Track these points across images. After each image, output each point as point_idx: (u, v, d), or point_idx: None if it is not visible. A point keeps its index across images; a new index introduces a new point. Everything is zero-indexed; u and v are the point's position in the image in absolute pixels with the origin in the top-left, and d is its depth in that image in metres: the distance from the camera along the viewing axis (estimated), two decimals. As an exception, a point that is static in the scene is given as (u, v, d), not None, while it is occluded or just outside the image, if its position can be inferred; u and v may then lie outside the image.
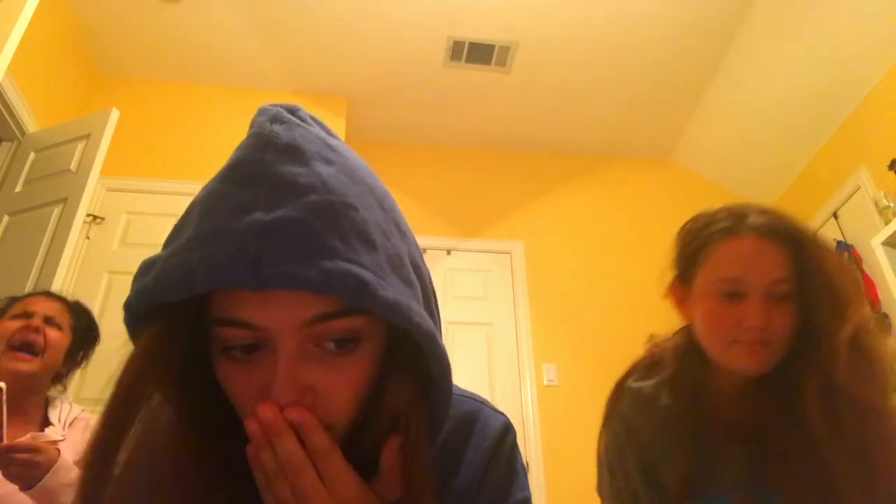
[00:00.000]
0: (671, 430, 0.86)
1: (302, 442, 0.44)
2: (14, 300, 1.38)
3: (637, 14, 3.00)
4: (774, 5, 2.87)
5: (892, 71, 2.81)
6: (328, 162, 0.48)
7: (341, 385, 0.46)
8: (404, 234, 0.51)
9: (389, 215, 0.50)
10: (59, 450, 1.12)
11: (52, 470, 1.08)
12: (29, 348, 1.27)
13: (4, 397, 1.06)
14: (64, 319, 1.38)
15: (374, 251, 0.45)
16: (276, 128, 0.51)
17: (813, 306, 0.78)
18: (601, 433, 0.94)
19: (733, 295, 0.80)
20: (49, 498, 1.08)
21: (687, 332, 0.91)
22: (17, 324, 1.30)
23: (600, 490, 0.95)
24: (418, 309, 0.46)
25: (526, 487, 0.63)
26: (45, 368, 1.30)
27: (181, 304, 0.44)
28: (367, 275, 0.43)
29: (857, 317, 0.76)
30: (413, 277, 0.49)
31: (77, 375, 1.44)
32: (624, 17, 3.02)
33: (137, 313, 0.45)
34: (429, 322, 0.47)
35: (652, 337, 0.99)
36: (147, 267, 0.47)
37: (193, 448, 0.48)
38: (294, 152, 0.48)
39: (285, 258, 0.41)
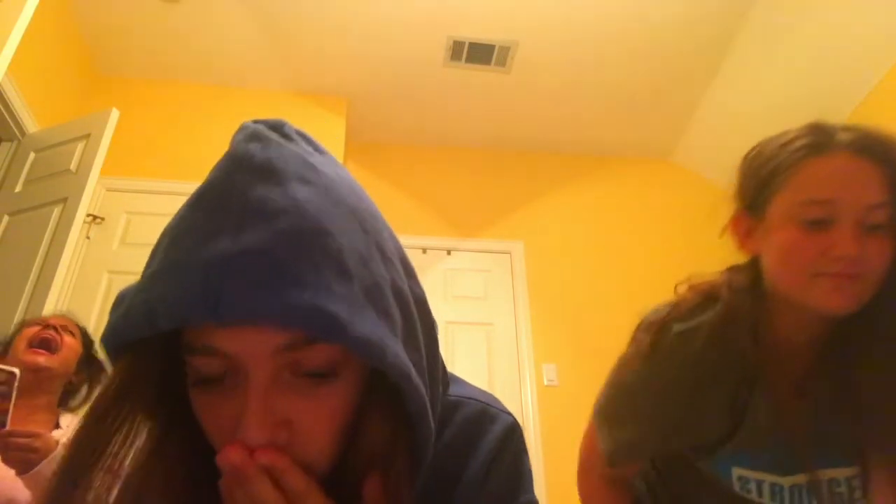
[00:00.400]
0: (716, 375, 0.75)
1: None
2: (25, 323, 1.48)
3: (637, 14, 3.00)
4: (774, 5, 2.87)
5: (892, 71, 2.80)
6: (306, 182, 0.45)
7: (320, 419, 0.44)
8: (388, 259, 0.48)
9: (371, 238, 0.47)
10: (57, 441, 1.13)
11: (48, 458, 1.09)
12: (47, 346, 1.37)
13: (16, 384, 1.08)
14: (76, 331, 1.50)
15: (349, 281, 0.42)
16: (252, 147, 0.47)
17: None
18: (627, 370, 0.81)
19: (819, 222, 0.69)
20: (43, 485, 1.08)
21: (747, 269, 0.79)
22: (35, 328, 1.41)
23: (606, 412, 0.86)
24: (393, 346, 0.43)
25: (531, 490, 0.61)
26: (60, 366, 1.38)
27: (154, 336, 0.43)
28: (337, 308, 0.40)
29: None
30: (393, 309, 0.46)
31: (84, 396, 1.48)
32: (624, 17, 3.02)
33: (115, 347, 0.45)
34: (404, 360, 0.44)
35: (691, 277, 0.85)
36: (120, 300, 0.47)
37: (174, 476, 0.46)
38: (268, 173, 0.45)
39: (248, 292, 0.39)
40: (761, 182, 0.77)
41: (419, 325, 0.49)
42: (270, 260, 0.40)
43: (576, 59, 3.28)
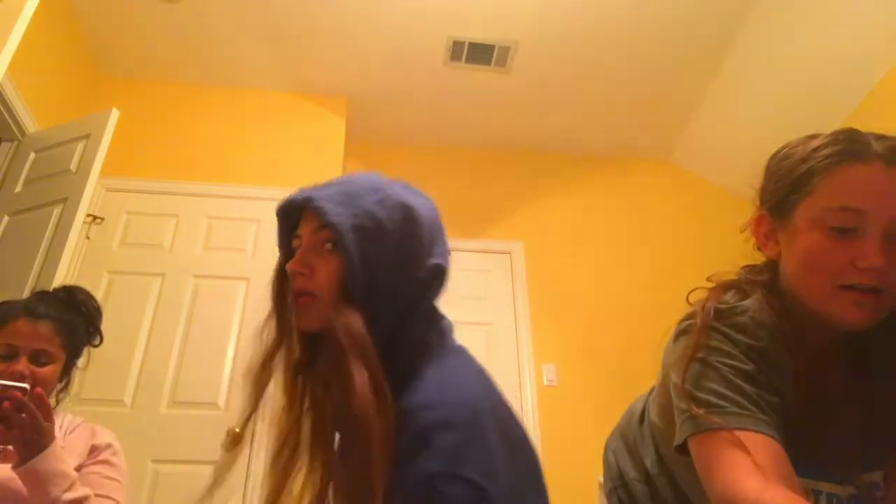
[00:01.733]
0: (780, 356, 0.72)
1: None
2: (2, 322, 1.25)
3: (637, 14, 3.00)
4: (774, 6, 2.87)
5: (892, 71, 2.80)
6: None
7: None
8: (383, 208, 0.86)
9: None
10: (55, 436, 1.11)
11: (44, 453, 1.06)
12: (17, 380, 1.15)
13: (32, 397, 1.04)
14: (54, 345, 1.27)
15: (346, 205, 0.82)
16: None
17: None
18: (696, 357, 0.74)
19: (846, 230, 0.68)
20: (38, 482, 1.06)
21: (765, 270, 0.78)
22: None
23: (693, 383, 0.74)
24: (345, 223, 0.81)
25: (435, 459, 0.62)
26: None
27: None
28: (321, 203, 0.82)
29: None
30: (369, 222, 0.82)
31: (77, 376, 1.42)
32: (624, 17, 3.02)
33: None
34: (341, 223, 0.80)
35: (714, 276, 0.83)
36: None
37: None
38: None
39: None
40: (790, 185, 0.75)
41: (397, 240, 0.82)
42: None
43: (576, 60, 3.28)
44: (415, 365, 0.77)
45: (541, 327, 3.36)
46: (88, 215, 2.79)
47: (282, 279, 0.87)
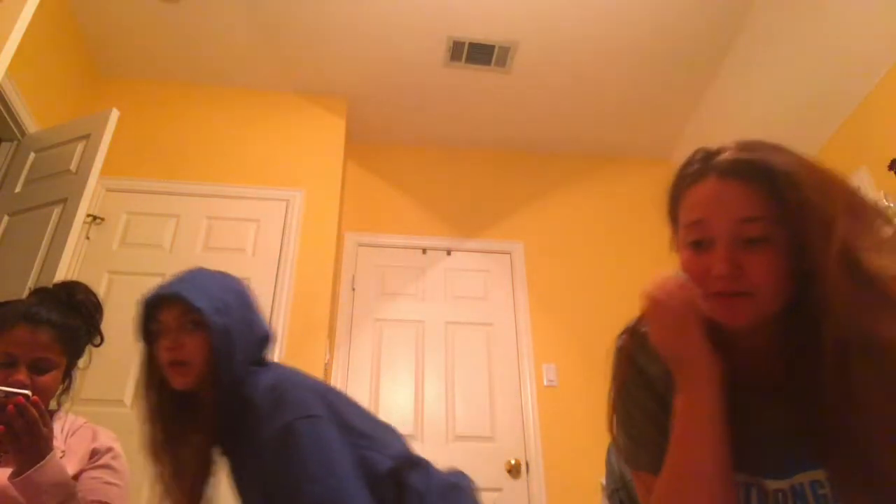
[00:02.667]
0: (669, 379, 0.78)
1: None
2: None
3: (637, 14, 3.00)
4: (774, 6, 2.87)
5: (891, 71, 2.81)
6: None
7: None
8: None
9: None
10: (54, 447, 1.10)
11: (41, 463, 1.05)
12: (18, 388, 1.14)
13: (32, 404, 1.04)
14: (54, 352, 1.25)
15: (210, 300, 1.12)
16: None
17: (801, 239, 0.68)
18: (612, 382, 0.85)
19: (700, 243, 0.73)
20: (35, 494, 1.05)
21: None
22: None
23: (616, 440, 0.86)
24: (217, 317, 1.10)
25: (290, 413, 0.99)
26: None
27: None
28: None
29: (843, 231, 0.66)
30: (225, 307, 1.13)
31: (77, 375, 1.41)
32: (624, 17, 3.02)
33: None
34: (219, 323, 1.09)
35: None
36: None
37: None
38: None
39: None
40: (669, 209, 0.84)
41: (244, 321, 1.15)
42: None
43: (576, 60, 3.28)
44: (253, 379, 1.10)
45: (541, 327, 3.36)
46: (88, 215, 2.79)
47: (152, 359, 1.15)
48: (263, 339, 1.20)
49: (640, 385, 0.81)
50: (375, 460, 1.02)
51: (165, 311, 1.11)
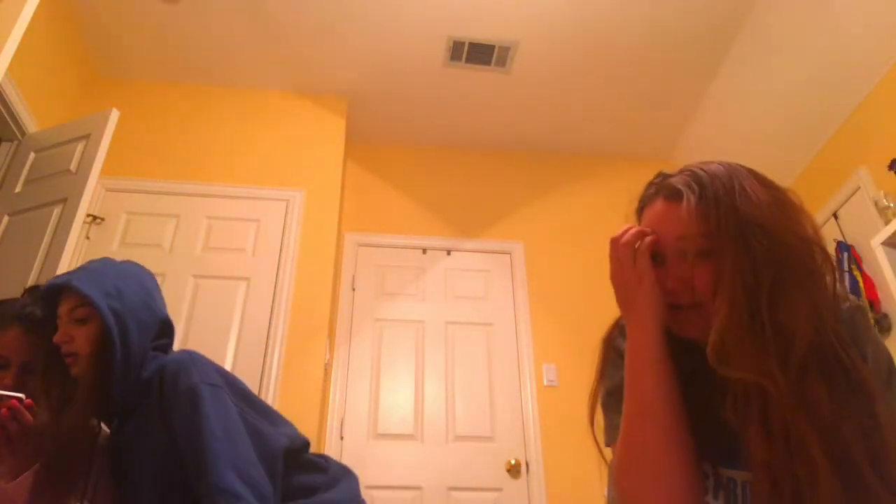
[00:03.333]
0: None
1: None
2: None
3: (637, 15, 3.00)
4: (774, 7, 2.87)
5: (892, 71, 2.81)
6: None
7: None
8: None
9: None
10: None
11: (34, 469, 1.04)
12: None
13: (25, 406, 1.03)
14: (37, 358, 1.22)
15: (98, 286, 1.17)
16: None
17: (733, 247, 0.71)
18: (598, 376, 0.89)
19: (654, 258, 0.80)
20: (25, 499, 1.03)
21: None
22: None
23: (608, 440, 0.89)
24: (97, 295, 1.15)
25: (196, 377, 1.11)
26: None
27: None
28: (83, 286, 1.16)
29: (750, 273, 0.69)
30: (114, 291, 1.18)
31: None
32: (624, 17, 3.02)
33: None
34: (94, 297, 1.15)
35: None
36: None
37: None
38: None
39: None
40: (637, 222, 0.88)
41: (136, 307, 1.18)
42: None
43: (576, 60, 3.28)
44: (157, 362, 1.19)
45: (541, 327, 3.36)
46: (88, 215, 2.79)
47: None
48: (162, 323, 1.24)
49: (619, 366, 0.83)
50: (270, 435, 1.12)
51: (62, 303, 1.17)
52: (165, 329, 1.25)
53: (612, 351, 0.89)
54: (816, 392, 0.67)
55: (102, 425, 1.19)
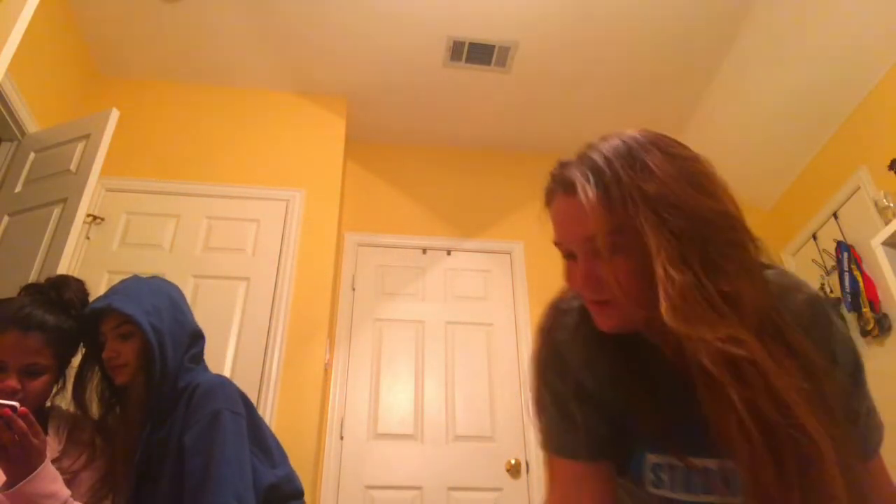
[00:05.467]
0: (596, 351, 0.78)
1: None
2: None
3: (637, 16, 3.00)
4: (774, 6, 2.87)
5: (892, 71, 2.81)
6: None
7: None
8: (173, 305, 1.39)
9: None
10: (46, 455, 1.08)
11: (33, 474, 1.03)
12: (7, 396, 1.15)
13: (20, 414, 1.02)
14: (45, 357, 1.24)
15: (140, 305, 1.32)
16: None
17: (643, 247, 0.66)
18: (534, 361, 0.84)
19: (570, 256, 0.75)
20: None
21: None
22: None
23: (549, 446, 0.85)
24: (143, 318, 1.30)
25: (221, 403, 1.25)
26: (31, 408, 1.10)
27: None
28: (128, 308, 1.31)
29: (672, 249, 0.64)
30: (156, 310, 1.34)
31: (71, 375, 1.40)
32: (624, 18, 3.02)
33: None
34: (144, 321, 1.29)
35: None
36: None
37: None
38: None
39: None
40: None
41: (175, 326, 1.34)
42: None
43: (575, 60, 3.28)
44: (192, 376, 1.33)
45: (541, 327, 3.35)
46: (88, 215, 2.79)
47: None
48: (194, 335, 1.39)
49: (555, 366, 0.81)
50: (261, 471, 1.24)
51: (104, 323, 1.31)
52: (196, 339, 1.39)
53: (550, 348, 0.83)
54: (778, 359, 0.63)
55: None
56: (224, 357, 2.64)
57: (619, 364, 0.77)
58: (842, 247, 2.94)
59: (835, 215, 3.10)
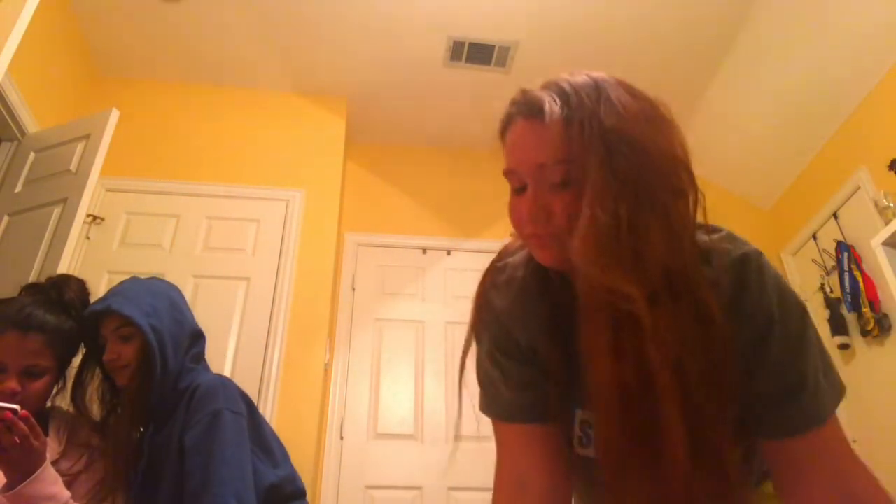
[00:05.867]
0: (529, 306, 0.77)
1: None
2: None
3: (636, 16, 3.00)
4: (774, 7, 2.87)
5: (891, 71, 2.80)
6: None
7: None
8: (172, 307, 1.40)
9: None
10: (46, 458, 1.08)
11: (33, 476, 1.03)
12: (7, 398, 1.15)
13: (21, 418, 1.02)
14: (45, 358, 1.24)
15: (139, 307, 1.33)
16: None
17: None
18: (470, 325, 0.84)
19: (519, 189, 0.74)
20: None
21: None
22: None
23: (486, 410, 0.87)
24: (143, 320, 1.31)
25: (222, 402, 1.25)
26: (31, 409, 1.10)
27: None
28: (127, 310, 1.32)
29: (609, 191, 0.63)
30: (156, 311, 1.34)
31: (73, 375, 1.39)
32: (623, 18, 3.02)
33: None
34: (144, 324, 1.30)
35: None
36: None
37: None
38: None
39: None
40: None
41: (175, 328, 1.34)
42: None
43: (576, 60, 3.28)
44: (193, 376, 1.34)
45: (541, 327, 3.35)
46: (88, 215, 2.79)
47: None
48: (194, 334, 1.40)
49: (490, 328, 0.81)
50: (262, 472, 1.25)
51: (104, 325, 1.32)
52: (196, 339, 1.40)
53: (485, 308, 0.83)
54: (665, 322, 0.63)
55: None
56: (224, 357, 2.64)
57: (552, 319, 0.76)
58: (842, 247, 2.94)
59: (835, 215, 3.09)
